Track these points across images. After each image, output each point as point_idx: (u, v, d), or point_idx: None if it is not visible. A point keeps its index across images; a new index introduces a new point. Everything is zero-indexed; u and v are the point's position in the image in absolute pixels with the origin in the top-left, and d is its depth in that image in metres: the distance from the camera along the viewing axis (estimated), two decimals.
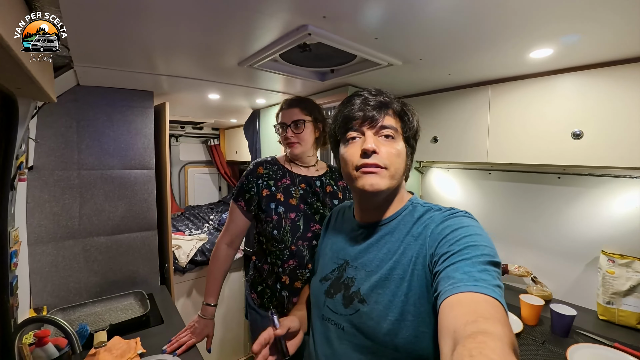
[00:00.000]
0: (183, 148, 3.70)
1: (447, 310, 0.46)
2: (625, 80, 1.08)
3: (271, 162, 1.17)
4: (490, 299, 0.45)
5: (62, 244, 1.47)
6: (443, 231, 0.59)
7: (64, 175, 1.47)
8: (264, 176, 1.12)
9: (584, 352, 1.10)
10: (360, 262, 0.70)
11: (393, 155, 0.65)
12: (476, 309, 0.43)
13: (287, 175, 1.14)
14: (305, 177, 1.15)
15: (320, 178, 1.17)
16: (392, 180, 0.65)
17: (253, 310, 1.18)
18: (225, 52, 1.15)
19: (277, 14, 0.84)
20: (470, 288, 0.46)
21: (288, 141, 1.12)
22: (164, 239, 1.82)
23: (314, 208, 1.11)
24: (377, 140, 0.66)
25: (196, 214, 3.24)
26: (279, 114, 1.16)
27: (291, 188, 1.12)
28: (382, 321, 0.60)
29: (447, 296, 0.47)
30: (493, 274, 0.49)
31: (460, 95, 1.54)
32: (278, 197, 1.10)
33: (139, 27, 0.92)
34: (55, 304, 1.42)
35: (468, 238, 0.54)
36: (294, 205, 1.10)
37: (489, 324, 0.40)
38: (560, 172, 1.52)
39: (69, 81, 1.40)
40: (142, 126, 1.67)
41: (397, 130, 0.67)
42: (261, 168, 1.14)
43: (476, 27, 0.89)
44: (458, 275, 0.49)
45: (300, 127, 1.11)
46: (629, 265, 1.28)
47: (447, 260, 0.53)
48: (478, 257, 0.51)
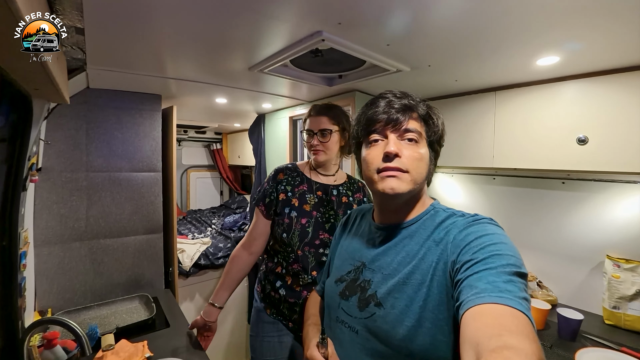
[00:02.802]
0: (186, 152, 3.71)
1: (470, 321, 0.44)
2: (628, 87, 1.11)
3: (291, 169, 1.19)
4: (517, 312, 0.43)
5: (68, 246, 1.47)
6: (466, 237, 0.56)
7: (72, 177, 1.47)
8: (283, 182, 1.15)
9: (592, 355, 1.10)
10: (378, 264, 0.69)
11: (415, 159, 0.64)
12: (501, 322, 0.41)
13: (305, 182, 1.16)
14: (323, 184, 1.17)
15: (338, 187, 1.18)
16: (413, 185, 0.64)
17: (256, 303, 1.22)
18: (236, 56, 1.17)
19: (292, 20, 0.86)
20: (494, 299, 0.44)
21: (314, 149, 1.13)
22: (169, 242, 1.82)
23: (326, 217, 1.12)
24: (400, 143, 0.64)
25: (198, 218, 3.23)
26: (307, 120, 1.17)
27: (307, 195, 1.14)
28: (398, 326, 0.59)
29: (470, 306, 0.46)
30: (519, 286, 0.47)
31: (466, 101, 1.56)
32: (293, 202, 1.11)
33: (150, 28, 0.93)
34: (60, 306, 1.41)
35: (493, 246, 0.52)
36: (307, 211, 1.11)
37: (515, 339, 0.38)
38: (565, 178, 1.54)
39: (80, 84, 1.41)
40: (150, 129, 1.68)
41: (421, 134, 0.66)
42: (281, 174, 1.17)
43: (485, 33, 0.91)
44: (482, 285, 0.47)
45: (327, 136, 1.12)
46: (635, 269, 1.29)
47: (470, 269, 0.51)
48: (504, 267, 0.49)
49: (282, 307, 1.12)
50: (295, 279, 1.10)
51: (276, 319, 1.14)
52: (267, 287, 1.16)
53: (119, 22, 0.87)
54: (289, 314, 1.11)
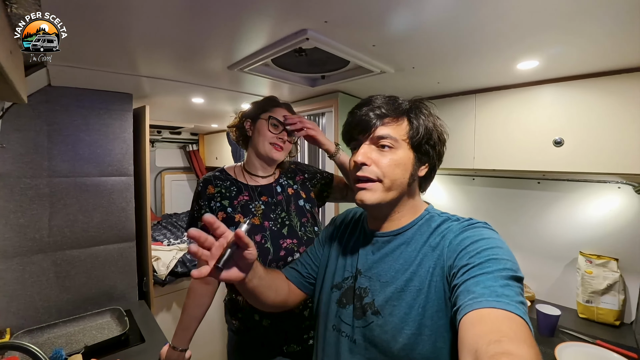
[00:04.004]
0: (160, 154, 3.54)
1: (469, 326, 0.44)
2: (603, 91, 1.15)
3: (221, 177, 1.02)
4: (514, 316, 0.43)
5: (29, 259, 1.34)
6: (462, 242, 0.56)
7: (32, 184, 1.34)
8: (215, 197, 0.97)
9: (570, 350, 1.14)
10: (375, 272, 0.67)
11: (388, 165, 0.63)
12: (500, 327, 0.42)
13: (243, 190, 1.00)
14: (264, 186, 1.03)
15: (279, 182, 1.06)
16: (387, 193, 0.63)
17: (232, 332, 1.07)
18: (214, 53, 1.10)
19: (276, 16, 0.82)
20: (492, 304, 0.44)
21: (278, 144, 0.99)
22: (143, 251, 1.71)
23: (280, 222, 0.99)
24: (372, 150, 0.64)
25: (174, 222, 3.09)
26: (276, 109, 1.02)
27: (251, 205, 0.99)
28: (398, 335, 0.58)
29: (467, 311, 0.45)
30: (516, 290, 0.47)
31: (448, 103, 1.58)
32: (237, 220, 0.95)
33: (119, 20, 0.84)
34: (20, 325, 1.28)
35: (489, 251, 0.52)
36: (258, 226, 0.96)
37: (513, 344, 0.38)
38: (540, 178, 1.60)
39: (40, 81, 1.29)
40: (120, 130, 1.57)
41: (397, 140, 0.64)
42: (211, 187, 0.99)
43: (468, 37, 0.92)
44: (479, 290, 0.47)
45: (291, 135, 1.03)
46: (606, 265, 1.36)
47: (467, 273, 0.51)
48: (500, 272, 0.49)
49: (270, 336, 0.99)
50: None
51: (271, 351, 1.00)
52: (246, 322, 1.00)
53: (83, 13, 0.79)
54: (286, 339, 0.99)
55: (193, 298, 0.99)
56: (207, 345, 2.18)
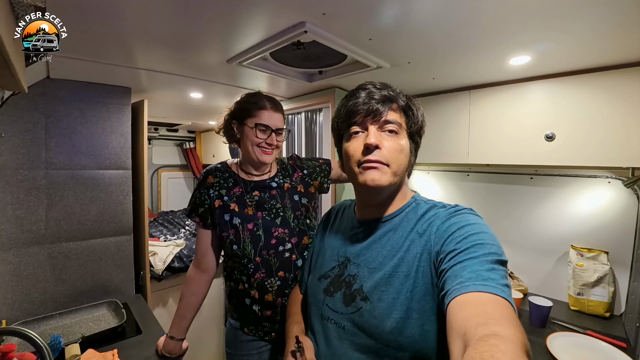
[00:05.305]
0: (156, 151, 3.54)
1: (456, 310, 0.45)
2: (593, 87, 1.19)
3: (221, 170, 1.07)
4: (500, 299, 0.45)
5: (25, 251, 1.34)
6: (449, 228, 0.58)
7: (29, 175, 1.34)
8: (214, 185, 1.03)
9: (561, 340, 1.17)
10: (363, 259, 0.68)
11: (396, 150, 0.64)
12: (486, 310, 0.43)
13: (239, 184, 1.04)
14: (258, 182, 1.05)
15: (274, 179, 1.08)
16: (394, 177, 0.64)
17: (231, 319, 1.10)
18: (211, 46, 1.11)
19: (274, 9, 0.84)
20: (479, 288, 0.46)
21: (266, 149, 1.00)
22: (140, 245, 1.72)
23: (274, 212, 1.02)
24: (380, 135, 0.64)
25: (170, 219, 3.09)
26: (261, 112, 0.99)
27: (245, 196, 1.03)
28: (386, 319, 0.59)
29: (455, 295, 0.47)
30: (501, 273, 0.49)
31: (443, 99, 1.61)
32: (232, 208, 1.00)
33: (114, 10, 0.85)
34: (16, 317, 1.28)
35: (475, 236, 0.54)
36: (251, 215, 1.00)
37: (500, 326, 0.40)
38: (533, 173, 1.63)
39: (39, 73, 1.29)
40: (118, 124, 1.58)
41: (401, 126, 0.66)
42: (211, 177, 1.04)
43: (462, 32, 0.94)
44: (466, 274, 0.48)
45: (281, 134, 1.03)
46: (596, 258, 1.39)
47: (453, 259, 0.52)
48: (485, 256, 0.51)
49: (262, 323, 1.02)
50: (262, 290, 0.98)
51: (255, 337, 1.03)
52: (240, 307, 1.04)
53: (83, 3, 0.80)
54: (270, 327, 1.02)
55: (189, 286, 1.06)
56: (202, 340, 2.18)
